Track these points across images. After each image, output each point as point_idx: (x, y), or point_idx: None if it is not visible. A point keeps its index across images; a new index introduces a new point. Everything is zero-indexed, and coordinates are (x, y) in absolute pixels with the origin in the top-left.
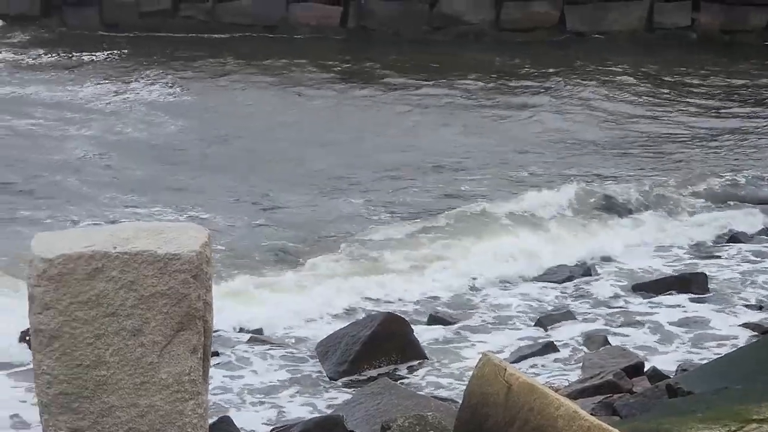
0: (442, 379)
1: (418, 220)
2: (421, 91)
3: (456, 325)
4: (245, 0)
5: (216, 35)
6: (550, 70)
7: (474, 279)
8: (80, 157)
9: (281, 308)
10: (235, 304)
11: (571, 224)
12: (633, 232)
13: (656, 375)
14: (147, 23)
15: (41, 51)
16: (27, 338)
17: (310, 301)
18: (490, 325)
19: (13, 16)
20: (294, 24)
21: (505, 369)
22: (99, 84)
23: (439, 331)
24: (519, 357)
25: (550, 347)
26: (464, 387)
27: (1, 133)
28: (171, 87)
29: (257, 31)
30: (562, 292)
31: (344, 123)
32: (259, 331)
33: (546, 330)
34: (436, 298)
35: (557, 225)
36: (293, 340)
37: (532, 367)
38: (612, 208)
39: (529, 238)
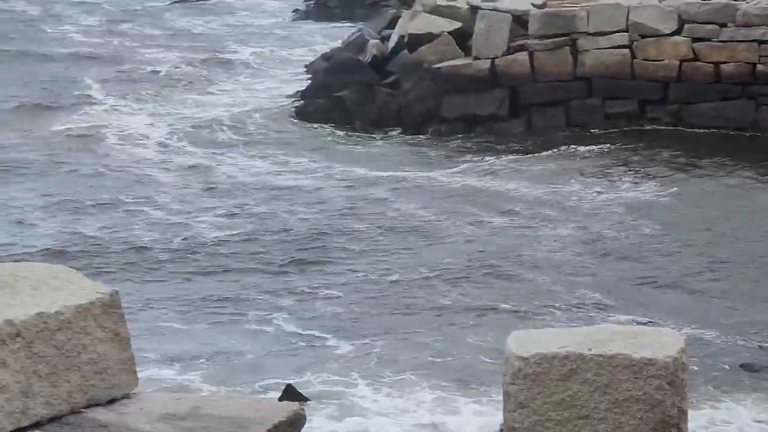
0: None
1: None
2: None
3: None
4: (714, 103)
5: (687, 129)
6: None
7: None
8: (550, 255)
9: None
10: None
11: None
12: None
13: None
14: (612, 124)
15: (515, 149)
16: None
17: None
18: None
19: (483, 116)
20: (763, 126)
21: None
22: (579, 181)
23: None
24: None
25: None
26: None
27: (477, 227)
28: (648, 185)
29: (724, 131)
30: None
31: None
32: None
33: None
34: None
35: None
36: None
37: None
38: None
39: None
